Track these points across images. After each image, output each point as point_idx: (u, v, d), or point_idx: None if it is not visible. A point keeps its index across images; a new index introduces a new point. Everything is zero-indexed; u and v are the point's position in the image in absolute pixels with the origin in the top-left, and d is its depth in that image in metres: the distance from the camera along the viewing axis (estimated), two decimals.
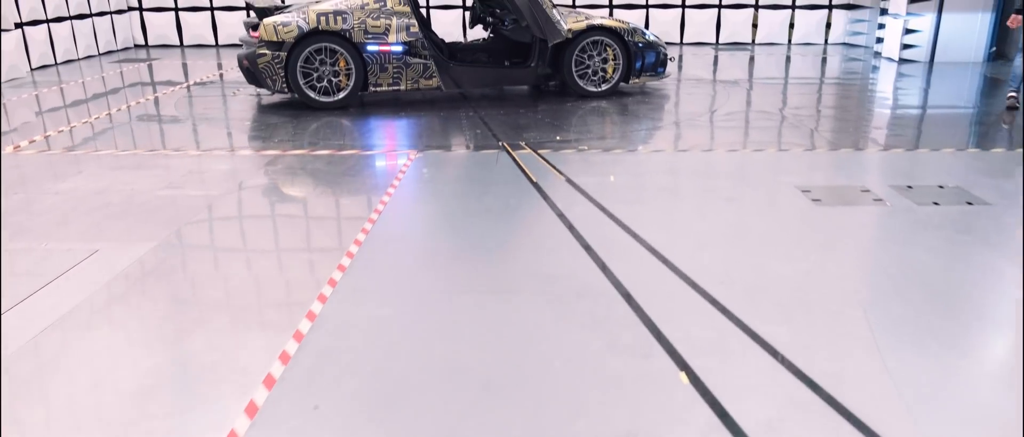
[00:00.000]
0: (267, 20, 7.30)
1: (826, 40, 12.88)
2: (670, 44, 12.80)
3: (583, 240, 3.94)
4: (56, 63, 10.72)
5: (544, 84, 8.38)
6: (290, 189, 5.05)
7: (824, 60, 11.23)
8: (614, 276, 3.49)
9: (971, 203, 4.50)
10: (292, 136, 6.38)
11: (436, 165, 5.51)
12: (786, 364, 2.72)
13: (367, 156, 5.72)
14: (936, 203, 4.50)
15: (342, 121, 7.04)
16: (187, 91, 8.68)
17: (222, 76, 9.76)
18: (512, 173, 5.21)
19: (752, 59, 11.28)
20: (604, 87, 8.05)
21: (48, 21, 10.53)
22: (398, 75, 7.47)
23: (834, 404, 2.47)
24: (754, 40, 12.91)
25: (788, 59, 11.30)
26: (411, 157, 5.64)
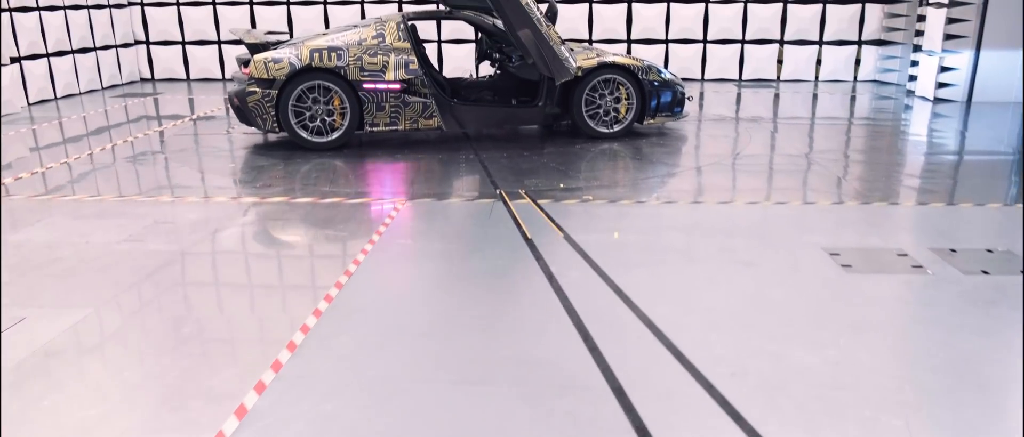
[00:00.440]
0: (258, 57, 6.92)
1: (855, 77, 12.30)
2: (691, 81, 12.30)
3: (575, 314, 3.42)
4: (55, 98, 10.46)
5: (555, 124, 7.90)
6: (257, 245, 4.57)
7: (853, 98, 10.65)
8: (606, 363, 2.96)
9: None
10: (277, 180, 5.95)
11: (424, 217, 5.02)
12: None
13: (352, 205, 5.25)
14: (985, 272, 3.91)
15: (335, 163, 6.61)
16: (178, 128, 8.32)
17: (227, 111, 9.40)
18: (506, 227, 4.71)
19: (777, 97, 10.74)
20: (616, 128, 7.55)
21: (48, 55, 10.29)
22: (396, 114, 7.04)
23: None
24: (779, 77, 12.37)
25: (815, 97, 10.74)
26: (398, 207, 5.17)
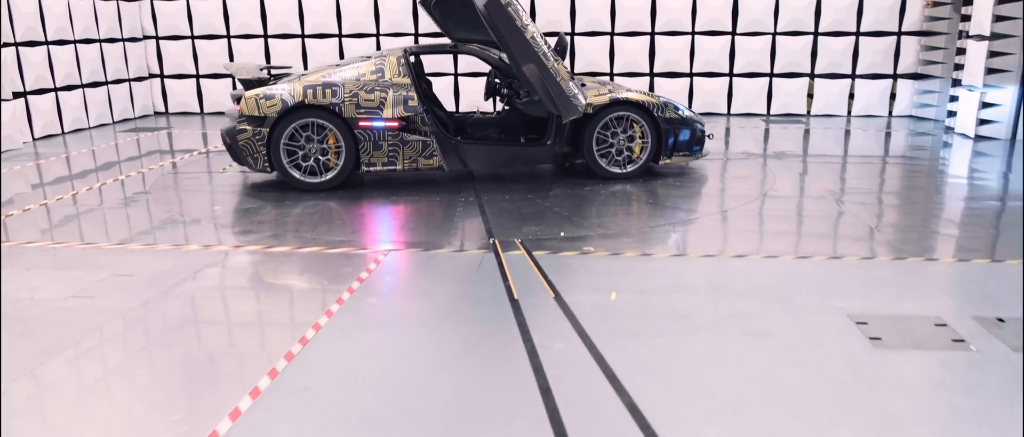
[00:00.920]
0: (249, 93, 6.60)
1: (890, 112, 11.68)
2: (716, 116, 11.79)
3: (551, 400, 2.94)
4: (62, 133, 10.29)
5: (566, 163, 7.45)
6: (210, 306, 4.12)
7: (888, 135, 10.05)
8: None
9: None
10: (260, 225, 5.57)
11: (404, 271, 4.58)
12: None
13: (330, 256, 4.84)
14: None
15: (328, 205, 6.22)
16: (174, 166, 8.02)
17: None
18: (492, 285, 4.25)
19: (807, 133, 10.18)
20: (630, 168, 7.08)
21: (56, 90, 10.13)
22: (394, 154, 6.65)
23: None
24: (809, 111, 11.80)
25: (847, 133, 10.16)
26: (379, 259, 4.74)
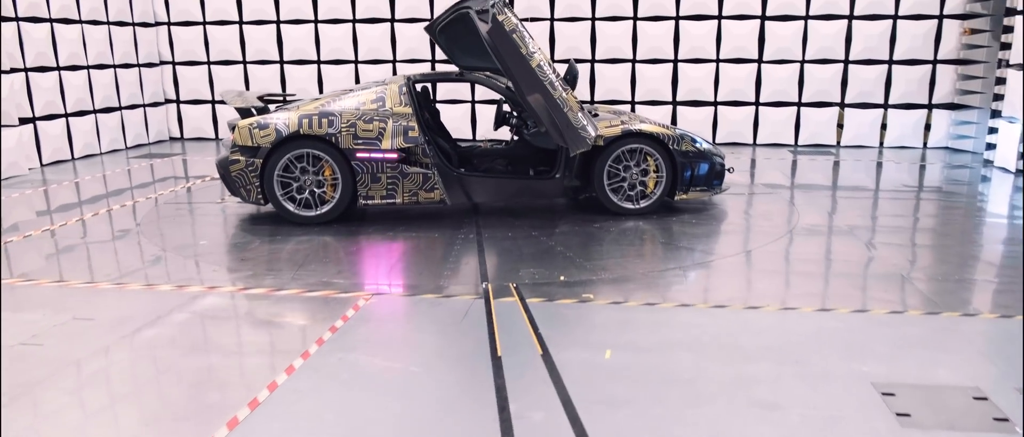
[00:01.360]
0: (242, 122, 6.35)
1: (925, 144, 11.12)
2: (742, 146, 11.33)
3: None
4: (73, 158, 10.16)
5: (581, 196, 7.04)
6: (164, 358, 3.78)
7: (923, 168, 9.52)
8: None
9: None
10: (243, 263, 5.26)
11: (382, 320, 4.22)
12: None
13: (308, 300, 4.49)
14: None
15: (323, 240, 5.90)
16: (173, 195, 7.79)
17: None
18: (475, 338, 3.87)
19: (836, 165, 9.69)
20: (644, 204, 6.66)
21: (66, 115, 10.02)
22: (393, 186, 6.32)
23: None
24: (839, 142, 11.29)
25: (879, 166, 9.64)
26: (359, 305, 4.38)
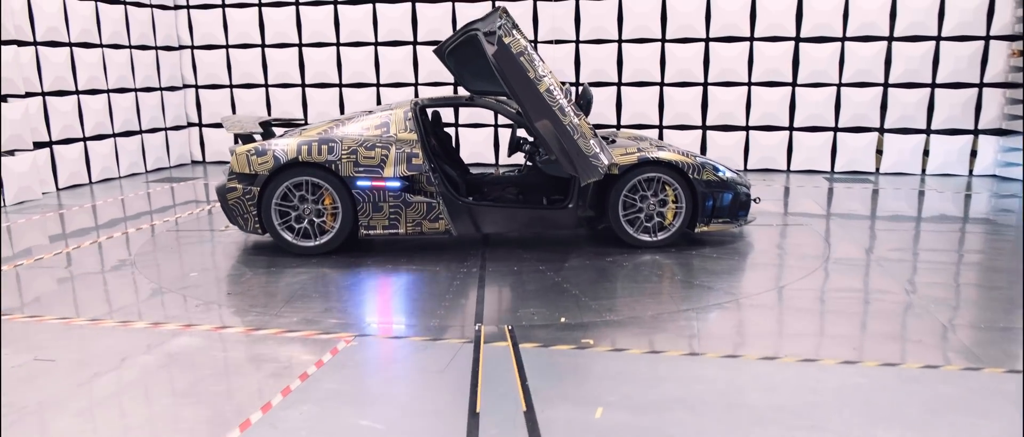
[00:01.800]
0: (239, 148, 6.13)
1: (971, 171, 10.50)
2: (775, 172, 10.84)
3: None
4: (90, 182, 10.10)
5: (601, 226, 6.48)
6: (116, 408, 3.51)
7: (968, 197, 8.94)
8: None
9: None
10: (231, 297, 5.00)
11: (359, 366, 3.89)
12: None
13: (286, 341, 4.19)
14: None
15: (320, 272, 5.63)
16: (182, 221, 7.61)
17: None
18: (456, 390, 3.52)
19: (875, 193, 9.16)
20: (661, 236, 6.26)
21: (84, 139, 9.97)
22: (395, 217, 6.02)
23: None
24: (878, 169, 10.73)
25: (921, 195, 9.09)
26: (337, 349, 4.06)
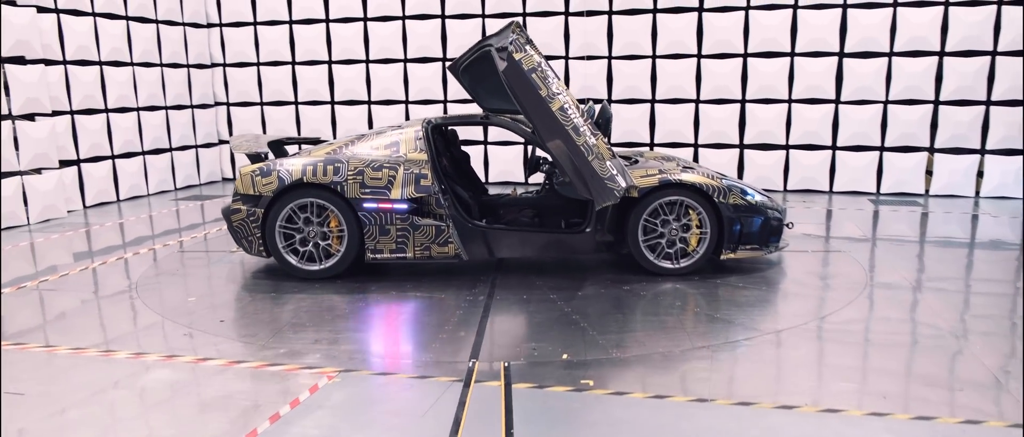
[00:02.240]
0: (244, 168, 5.96)
1: None
2: (817, 193, 10.32)
3: None
4: (118, 200, 10.11)
5: (625, 250, 5.98)
6: None
7: None
8: None
9: None
10: (223, 324, 4.78)
11: (337, 407, 3.61)
12: None
13: (266, 376, 3.94)
14: None
15: (322, 298, 5.40)
16: (194, 242, 7.48)
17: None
18: None
19: (924, 217, 8.60)
20: (684, 263, 5.88)
21: (113, 157, 9.98)
22: (403, 240, 5.77)
23: None
24: (928, 191, 10.12)
25: (974, 219, 8.50)
26: (320, 384, 3.80)
